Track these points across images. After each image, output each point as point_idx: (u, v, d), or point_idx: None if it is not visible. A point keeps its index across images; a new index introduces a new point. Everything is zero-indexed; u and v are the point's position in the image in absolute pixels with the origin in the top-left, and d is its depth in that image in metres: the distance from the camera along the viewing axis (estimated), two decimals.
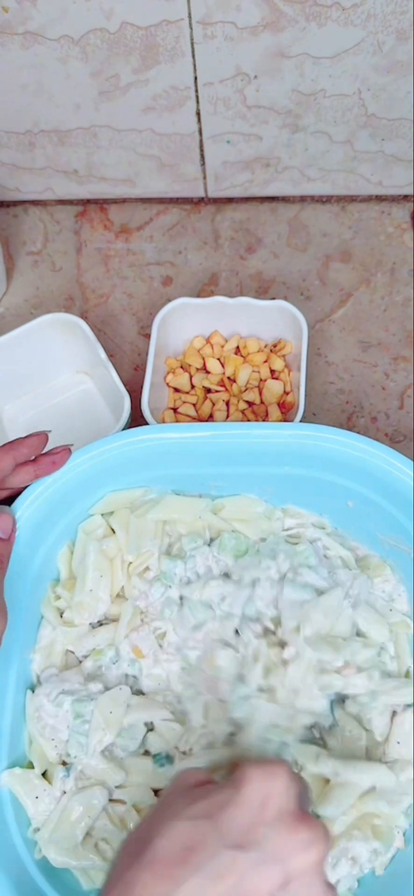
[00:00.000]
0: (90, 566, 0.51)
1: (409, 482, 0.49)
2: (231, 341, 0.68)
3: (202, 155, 0.76)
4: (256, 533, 0.53)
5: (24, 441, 0.48)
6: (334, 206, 0.80)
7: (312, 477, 0.52)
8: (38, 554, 0.50)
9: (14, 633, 0.47)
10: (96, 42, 0.65)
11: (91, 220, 0.81)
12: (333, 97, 0.69)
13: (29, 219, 0.82)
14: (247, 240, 0.79)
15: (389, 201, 0.79)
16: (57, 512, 0.51)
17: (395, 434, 0.67)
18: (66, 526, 0.52)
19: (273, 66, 0.67)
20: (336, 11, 0.62)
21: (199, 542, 0.53)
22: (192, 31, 0.64)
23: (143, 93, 0.70)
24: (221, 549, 0.53)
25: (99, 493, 0.53)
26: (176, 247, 0.79)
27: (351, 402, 0.69)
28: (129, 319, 0.75)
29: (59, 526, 0.51)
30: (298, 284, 0.75)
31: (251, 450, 0.51)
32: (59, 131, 0.74)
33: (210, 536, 0.54)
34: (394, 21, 0.63)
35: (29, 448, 0.48)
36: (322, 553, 0.53)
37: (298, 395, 0.62)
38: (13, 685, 0.48)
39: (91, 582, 0.50)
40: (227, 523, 0.54)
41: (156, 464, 0.52)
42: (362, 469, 0.50)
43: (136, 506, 0.53)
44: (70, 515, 0.52)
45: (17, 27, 0.65)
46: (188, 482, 0.54)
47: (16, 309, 0.76)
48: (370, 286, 0.75)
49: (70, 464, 0.49)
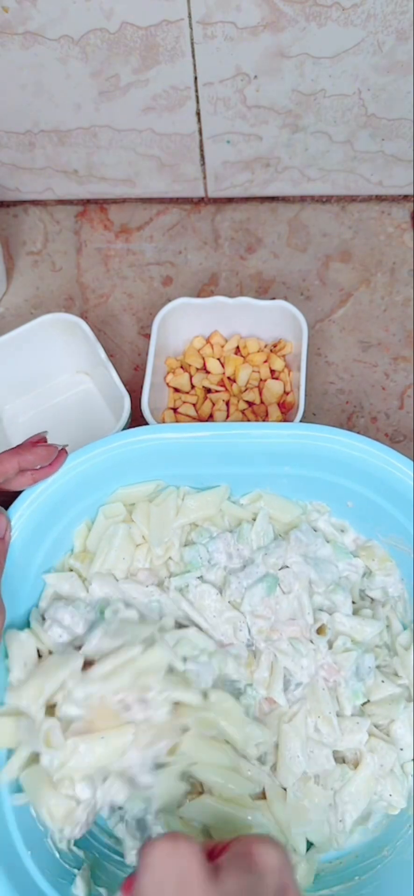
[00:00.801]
0: (114, 548, 0.51)
1: (409, 482, 0.49)
2: (231, 341, 0.68)
3: (202, 155, 0.76)
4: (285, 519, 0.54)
5: (32, 449, 0.47)
6: (334, 206, 0.80)
7: (312, 477, 0.52)
8: (38, 553, 0.50)
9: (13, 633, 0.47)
10: (96, 42, 0.65)
11: (91, 220, 0.81)
12: (333, 97, 0.69)
13: (29, 219, 0.82)
14: (247, 240, 0.79)
15: (389, 201, 0.80)
16: (57, 512, 0.51)
17: (395, 434, 0.67)
18: (66, 526, 0.52)
19: (273, 66, 0.67)
20: (336, 11, 0.62)
21: (220, 531, 0.53)
22: (192, 31, 0.64)
23: (143, 93, 0.70)
24: (240, 539, 0.53)
25: (99, 492, 0.53)
26: (176, 247, 0.79)
27: (351, 402, 0.69)
28: (129, 319, 0.75)
29: (59, 526, 0.51)
30: (298, 284, 0.75)
31: (251, 450, 0.51)
32: (59, 131, 0.74)
33: (230, 527, 0.54)
34: (394, 21, 0.63)
35: (35, 457, 0.47)
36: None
37: (298, 395, 0.62)
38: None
39: (112, 562, 0.51)
40: (248, 512, 0.54)
41: (156, 464, 0.52)
42: (362, 469, 0.50)
43: (153, 497, 0.54)
44: (70, 515, 0.52)
45: (17, 27, 0.65)
46: (188, 482, 0.54)
47: (16, 309, 0.76)
48: (370, 286, 0.75)
49: (70, 464, 0.49)
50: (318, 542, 0.52)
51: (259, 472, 0.53)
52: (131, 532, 0.52)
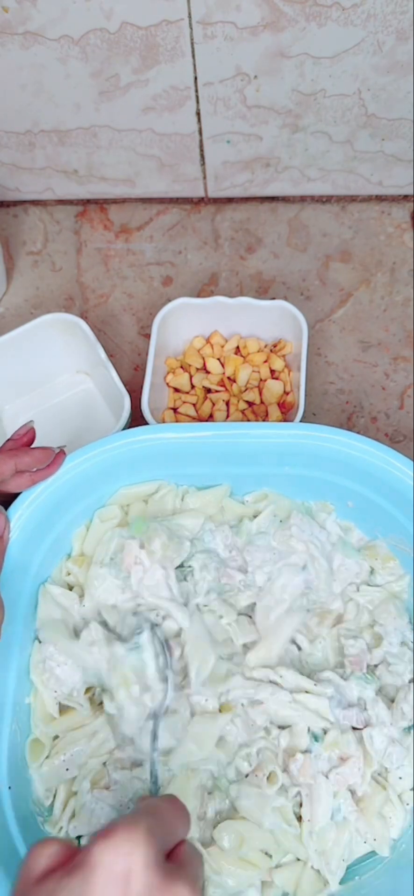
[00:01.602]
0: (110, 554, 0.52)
1: (409, 482, 0.49)
2: (231, 341, 0.68)
3: (202, 155, 0.76)
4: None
5: (29, 451, 0.48)
6: (334, 206, 0.80)
7: (312, 477, 0.52)
8: (38, 553, 0.50)
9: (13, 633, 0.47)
10: (96, 42, 0.65)
11: (91, 220, 0.81)
12: (333, 97, 0.69)
13: (29, 219, 0.82)
14: (247, 240, 0.79)
15: (389, 201, 0.80)
16: (57, 512, 0.51)
17: (395, 434, 0.67)
18: (66, 526, 0.52)
19: (273, 66, 0.67)
20: (336, 11, 0.62)
21: (220, 526, 0.54)
22: (192, 31, 0.64)
23: (143, 93, 0.70)
24: (238, 533, 0.53)
25: (99, 492, 0.53)
26: (176, 247, 0.79)
27: (351, 402, 0.69)
28: (129, 319, 0.75)
29: (59, 526, 0.51)
30: (298, 284, 0.75)
31: (251, 450, 0.51)
32: (59, 131, 0.74)
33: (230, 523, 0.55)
34: (394, 21, 0.63)
35: (32, 459, 0.48)
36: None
37: (298, 395, 0.62)
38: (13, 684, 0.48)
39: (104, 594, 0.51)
40: (250, 509, 0.54)
41: (156, 464, 0.52)
42: (362, 469, 0.50)
43: (153, 500, 0.54)
44: (70, 515, 0.52)
45: (17, 27, 0.65)
46: (188, 482, 0.54)
47: (16, 309, 0.76)
48: (370, 286, 0.75)
49: (70, 464, 0.49)
50: (322, 536, 0.53)
51: (259, 471, 0.53)
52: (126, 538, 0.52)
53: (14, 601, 0.48)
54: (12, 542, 0.48)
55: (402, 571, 0.53)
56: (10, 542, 0.47)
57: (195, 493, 0.54)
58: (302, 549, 0.52)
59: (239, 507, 0.54)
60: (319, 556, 0.52)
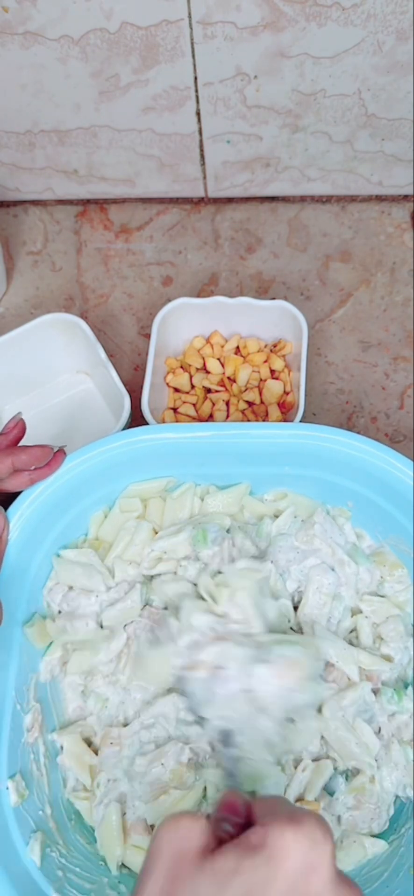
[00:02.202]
0: (135, 543, 0.52)
1: (409, 482, 0.49)
2: (231, 341, 0.68)
3: (202, 155, 0.76)
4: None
5: (26, 450, 0.47)
6: (334, 206, 0.80)
7: (312, 477, 0.52)
8: (37, 553, 0.50)
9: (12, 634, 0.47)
10: (96, 42, 0.65)
11: (91, 220, 0.81)
12: (333, 97, 0.69)
13: (29, 219, 0.82)
14: (247, 240, 0.79)
15: (389, 201, 0.80)
16: (57, 512, 0.51)
17: (395, 434, 0.67)
18: (65, 526, 0.52)
19: (273, 66, 0.67)
20: (336, 11, 0.62)
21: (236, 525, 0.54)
22: (192, 31, 0.64)
23: (143, 93, 0.70)
24: (258, 534, 0.53)
25: (99, 492, 0.53)
26: (176, 247, 0.79)
27: (351, 402, 0.69)
28: (129, 319, 0.75)
29: (59, 526, 0.51)
30: (298, 284, 0.75)
31: (251, 450, 0.51)
32: (59, 131, 0.74)
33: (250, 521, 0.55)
34: (394, 21, 0.63)
35: (30, 457, 0.47)
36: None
37: (298, 395, 0.62)
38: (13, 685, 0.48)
39: (131, 555, 0.52)
40: (270, 508, 0.54)
41: (156, 464, 0.52)
42: (362, 469, 0.50)
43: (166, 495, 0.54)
44: (70, 515, 0.52)
45: (17, 27, 0.65)
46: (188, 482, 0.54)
47: (16, 309, 0.76)
48: (370, 286, 0.75)
49: (69, 464, 0.49)
50: (341, 538, 0.53)
51: (259, 471, 0.53)
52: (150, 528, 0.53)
53: (14, 602, 0.48)
54: (12, 542, 0.48)
55: (409, 581, 0.52)
56: (9, 542, 0.47)
57: (216, 493, 0.54)
58: (326, 550, 0.51)
59: (259, 505, 0.54)
60: (344, 555, 0.52)
